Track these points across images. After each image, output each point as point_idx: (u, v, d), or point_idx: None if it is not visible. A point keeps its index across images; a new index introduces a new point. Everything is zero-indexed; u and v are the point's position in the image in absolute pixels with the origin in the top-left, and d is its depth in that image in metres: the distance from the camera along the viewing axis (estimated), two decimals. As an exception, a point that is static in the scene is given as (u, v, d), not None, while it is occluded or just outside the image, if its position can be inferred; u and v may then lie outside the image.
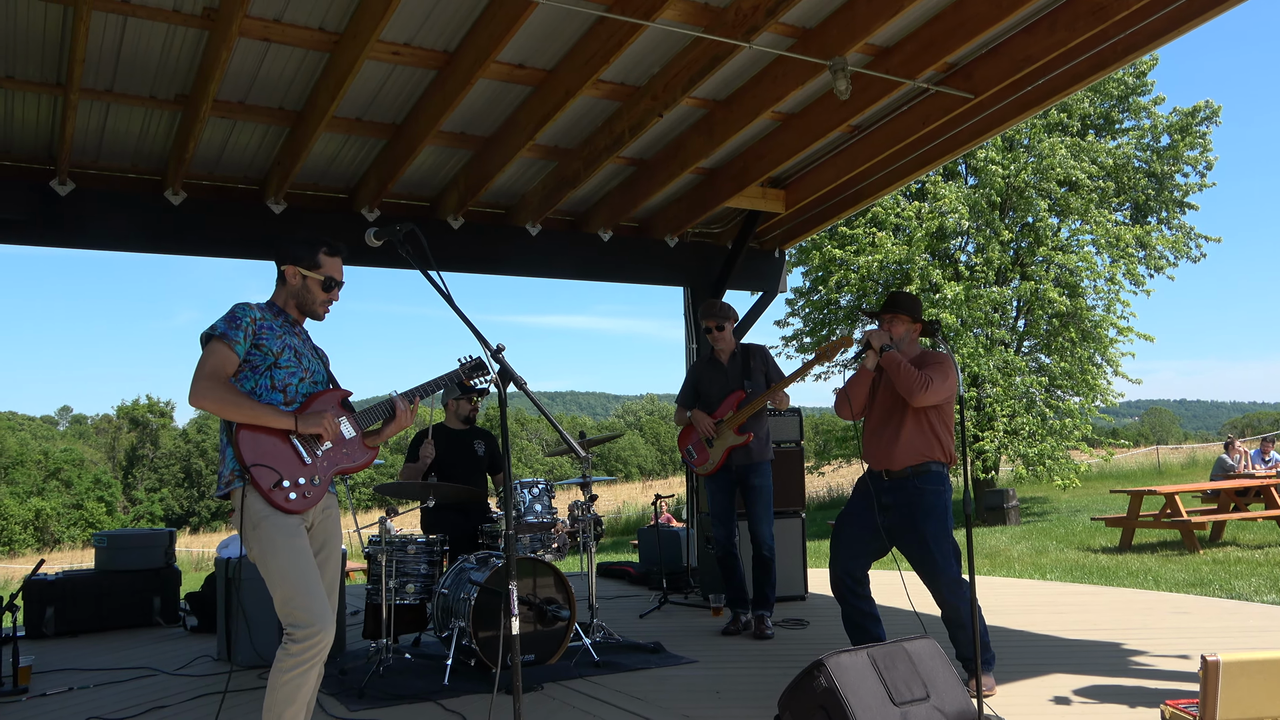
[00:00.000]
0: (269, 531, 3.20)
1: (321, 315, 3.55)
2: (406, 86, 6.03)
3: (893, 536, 4.58)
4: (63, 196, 6.36)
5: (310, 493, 3.30)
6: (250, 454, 3.21)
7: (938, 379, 4.45)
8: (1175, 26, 5.71)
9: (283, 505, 3.22)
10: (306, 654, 3.13)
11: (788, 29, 5.73)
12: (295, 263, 3.49)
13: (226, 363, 3.27)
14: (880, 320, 4.69)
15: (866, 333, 4.65)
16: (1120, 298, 18.64)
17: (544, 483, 5.75)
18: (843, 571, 4.64)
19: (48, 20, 5.05)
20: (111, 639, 6.75)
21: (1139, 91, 19.34)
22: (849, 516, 4.71)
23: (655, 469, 73.65)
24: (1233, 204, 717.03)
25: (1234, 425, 66.11)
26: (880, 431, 4.64)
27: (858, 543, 4.64)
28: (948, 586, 4.42)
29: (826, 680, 3.49)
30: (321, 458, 3.36)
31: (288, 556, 3.19)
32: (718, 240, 8.86)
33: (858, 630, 4.64)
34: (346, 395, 3.53)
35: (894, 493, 4.53)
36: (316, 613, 3.15)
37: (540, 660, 5.19)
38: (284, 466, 3.25)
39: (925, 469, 4.52)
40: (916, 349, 4.72)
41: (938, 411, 4.55)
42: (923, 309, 4.78)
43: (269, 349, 3.35)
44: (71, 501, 54.11)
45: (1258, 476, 13.17)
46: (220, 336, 3.29)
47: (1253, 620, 6.32)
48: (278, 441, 3.28)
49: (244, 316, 3.34)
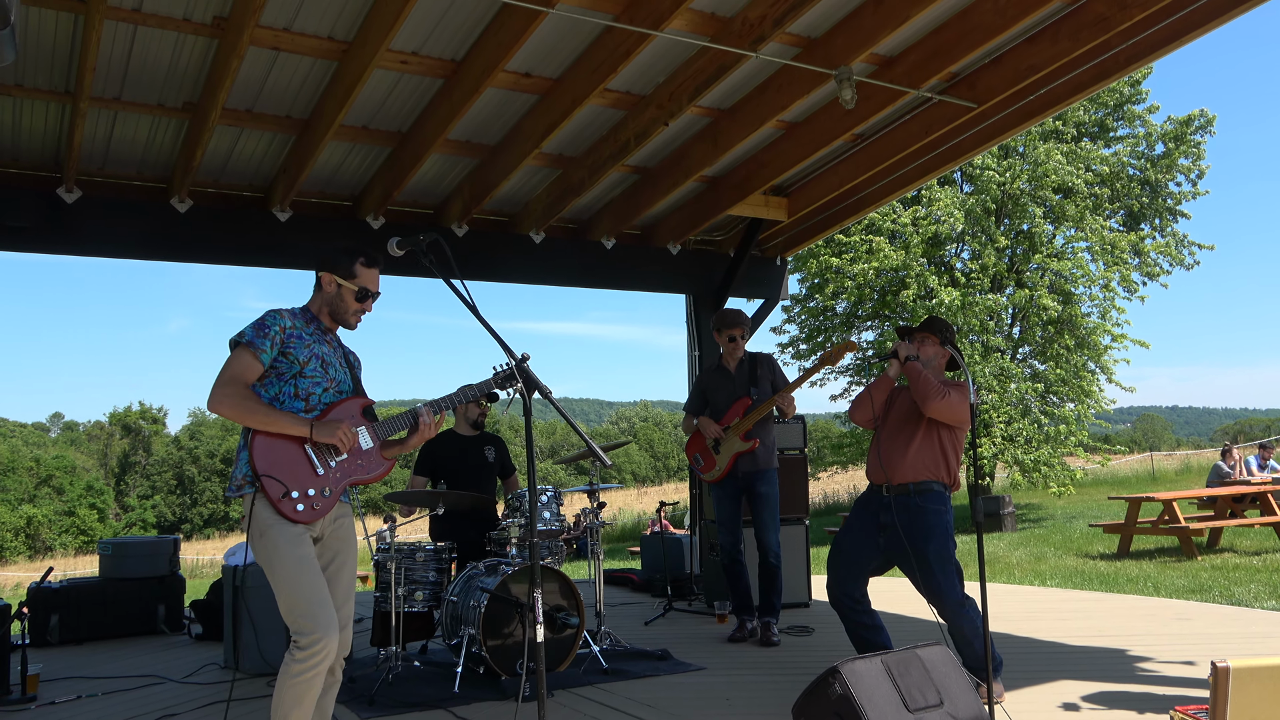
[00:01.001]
0: (275, 539, 3.22)
1: (354, 325, 3.57)
2: (414, 95, 6.05)
3: (892, 557, 4.58)
4: (69, 204, 6.37)
5: (319, 504, 3.31)
6: (263, 462, 3.23)
7: (955, 395, 4.47)
8: (1177, 36, 5.77)
9: (290, 515, 3.24)
10: (311, 660, 3.16)
11: (794, 39, 5.77)
12: (333, 270, 3.50)
13: (249, 370, 3.29)
14: (912, 337, 4.71)
15: (895, 344, 4.66)
16: (1115, 304, 18.75)
17: (552, 489, 5.77)
18: (841, 593, 4.65)
19: (58, 29, 5.07)
20: (116, 647, 6.74)
21: (1134, 100, 19.46)
22: (848, 534, 4.70)
23: (650, 476, 73.62)
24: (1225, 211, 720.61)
25: (1226, 431, 66.36)
26: (888, 446, 4.63)
27: (856, 564, 4.63)
28: (952, 608, 4.42)
29: (841, 687, 3.51)
30: (335, 469, 3.37)
31: (293, 565, 3.21)
32: (720, 248, 8.90)
33: (863, 642, 4.65)
34: (369, 404, 3.54)
35: (894, 511, 4.51)
36: (320, 620, 3.17)
37: (549, 668, 5.19)
38: (295, 477, 3.26)
39: (928, 487, 4.51)
40: (941, 375, 4.73)
41: (950, 433, 4.56)
42: (954, 336, 4.80)
43: (295, 357, 3.36)
44: (63, 509, 53.86)
45: (1254, 483, 13.23)
46: (247, 344, 3.30)
47: (1255, 626, 6.36)
48: (292, 450, 3.29)
49: (274, 325, 3.35)
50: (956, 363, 4.70)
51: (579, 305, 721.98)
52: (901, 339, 4.71)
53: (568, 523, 5.78)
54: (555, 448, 72.08)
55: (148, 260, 6.97)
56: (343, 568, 3.48)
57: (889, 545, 4.54)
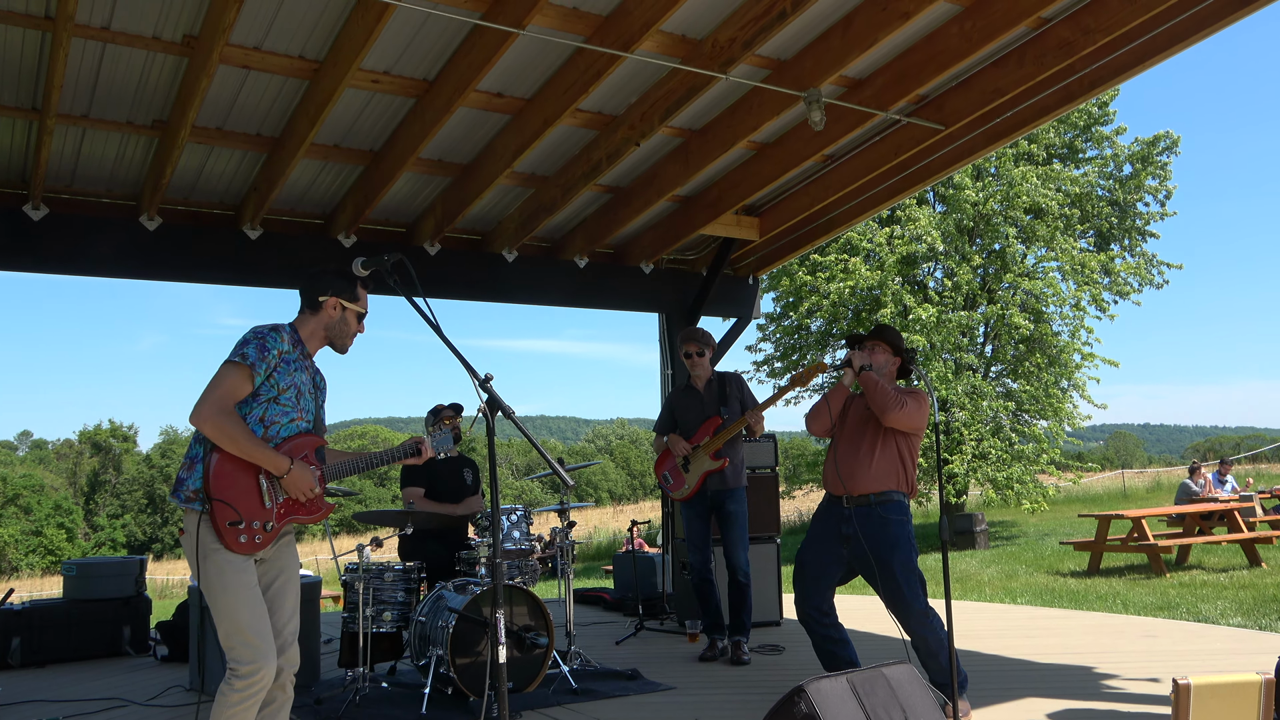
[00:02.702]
0: (220, 564, 3.21)
1: (347, 349, 3.57)
2: (385, 114, 6.06)
3: (855, 567, 4.60)
4: (36, 221, 6.31)
5: (260, 537, 3.28)
6: (217, 485, 3.21)
7: (912, 404, 4.51)
8: (1140, 61, 5.89)
9: (231, 545, 3.22)
10: (249, 689, 3.18)
11: (763, 61, 5.83)
12: (338, 294, 3.49)
13: (239, 390, 3.26)
14: (863, 345, 4.74)
15: (848, 353, 4.69)
16: (1085, 324, 18.98)
17: (522, 509, 5.76)
18: (810, 607, 4.66)
19: (25, 45, 5.04)
20: (80, 669, 6.64)
21: (1102, 121, 19.77)
22: (811, 547, 4.72)
23: (626, 494, 73.49)
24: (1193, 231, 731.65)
25: (1196, 449, 67.10)
26: (846, 456, 4.64)
27: (822, 578, 4.65)
28: (917, 619, 4.44)
29: (807, 706, 3.51)
30: (281, 505, 3.35)
31: (236, 593, 3.20)
32: (692, 267, 8.94)
33: (830, 657, 4.66)
34: (322, 444, 3.51)
35: (855, 521, 4.53)
36: (261, 650, 3.18)
37: (518, 688, 5.17)
38: (244, 506, 3.24)
39: (888, 497, 4.54)
40: (892, 381, 4.77)
41: (906, 440, 4.59)
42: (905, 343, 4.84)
43: (278, 383, 3.34)
44: (30, 528, 53.02)
45: (1221, 500, 13.39)
46: (249, 365, 3.27)
47: (1219, 643, 6.43)
48: (248, 477, 3.27)
49: (273, 348, 3.33)
50: (908, 368, 4.75)
51: (555, 323, 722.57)
52: (852, 347, 4.75)
53: (538, 542, 5.77)
54: (532, 466, 71.83)
55: (116, 278, 6.92)
56: (287, 584, 3.46)
57: (852, 554, 4.56)
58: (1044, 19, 5.66)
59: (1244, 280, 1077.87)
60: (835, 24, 5.53)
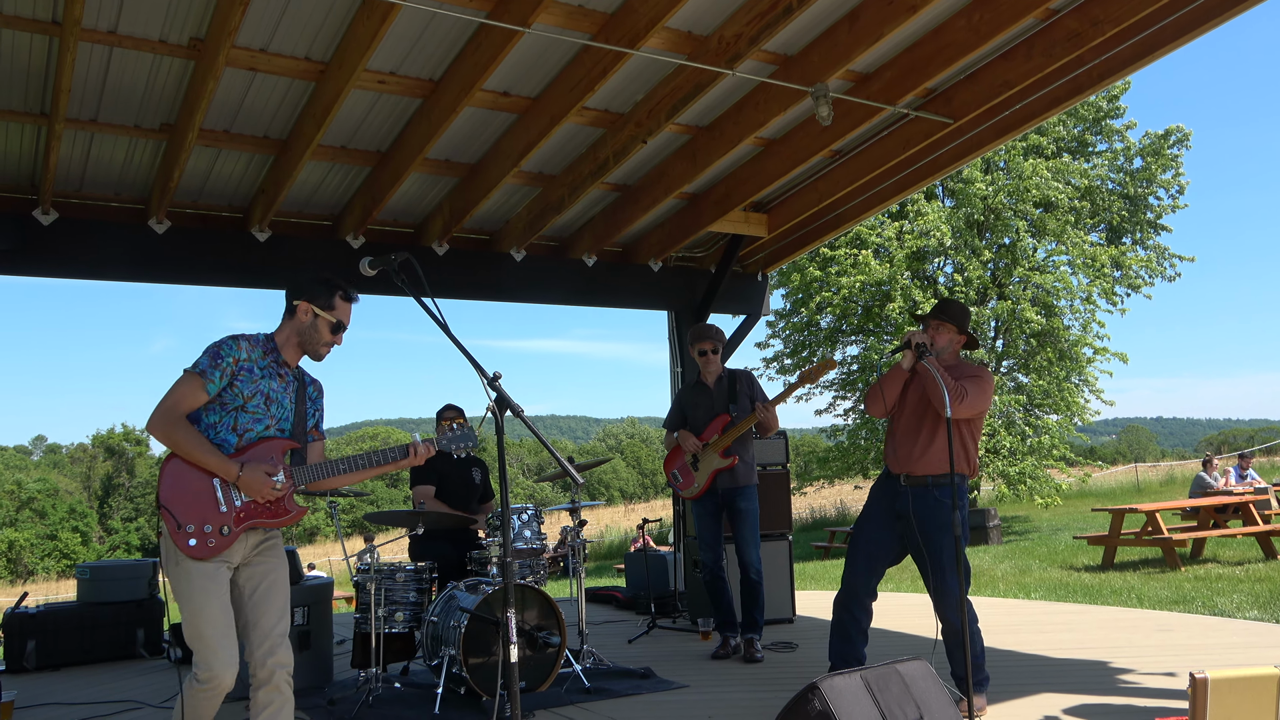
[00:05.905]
0: (188, 570, 3.24)
1: (322, 356, 3.54)
2: (392, 115, 6.06)
3: (906, 547, 4.53)
4: (45, 226, 6.33)
5: (215, 541, 3.26)
6: (166, 491, 3.23)
7: (973, 392, 4.34)
8: (1149, 52, 5.83)
9: (184, 549, 3.22)
10: (206, 690, 3.25)
11: (770, 56, 5.81)
12: (311, 299, 3.47)
13: (191, 398, 3.28)
14: (926, 324, 4.59)
15: (908, 333, 4.50)
16: (1096, 318, 18.89)
17: (533, 508, 5.75)
18: (858, 584, 4.57)
19: (33, 50, 5.05)
20: (95, 672, 6.66)
21: (1112, 115, 19.66)
22: (865, 525, 4.63)
23: (637, 492, 73.45)
24: (1206, 223, 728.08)
25: (1210, 442, 66.74)
26: (905, 438, 4.53)
27: (875, 557, 4.57)
28: (952, 606, 4.36)
29: (821, 703, 3.50)
30: (240, 508, 3.33)
31: (200, 601, 3.22)
32: (701, 264, 8.92)
33: (845, 641, 4.60)
34: (293, 446, 3.47)
35: (909, 500, 4.44)
36: (218, 660, 3.21)
37: (531, 687, 5.16)
38: (194, 511, 3.24)
39: (946, 480, 4.39)
40: (956, 360, 4.61)
41: (968, 423, 4.46)
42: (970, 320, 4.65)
43: (241, 391, 3.34)
44: (45, 532, 53.32)
45: (1236, 493, 13.31)
46: (199, 373, 3.30)
47: (1235, 636, 6.38)
48: (202, 482, 3.27)
49: (228, 356, 3.33)
50: (974, 343, 4.64)
51: (564, 322, 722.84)
52: (918, 325, 4.62)
53: (549, 541, 5.76)
54: (542, 465, 71.87)
55: (126, 282, 6.94)
56: (273, 587, 3.44)
57: (905, 533, 4.49)
58: (1052, 10, 5.61)
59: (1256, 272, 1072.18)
60: (842, 18, 5.50)
